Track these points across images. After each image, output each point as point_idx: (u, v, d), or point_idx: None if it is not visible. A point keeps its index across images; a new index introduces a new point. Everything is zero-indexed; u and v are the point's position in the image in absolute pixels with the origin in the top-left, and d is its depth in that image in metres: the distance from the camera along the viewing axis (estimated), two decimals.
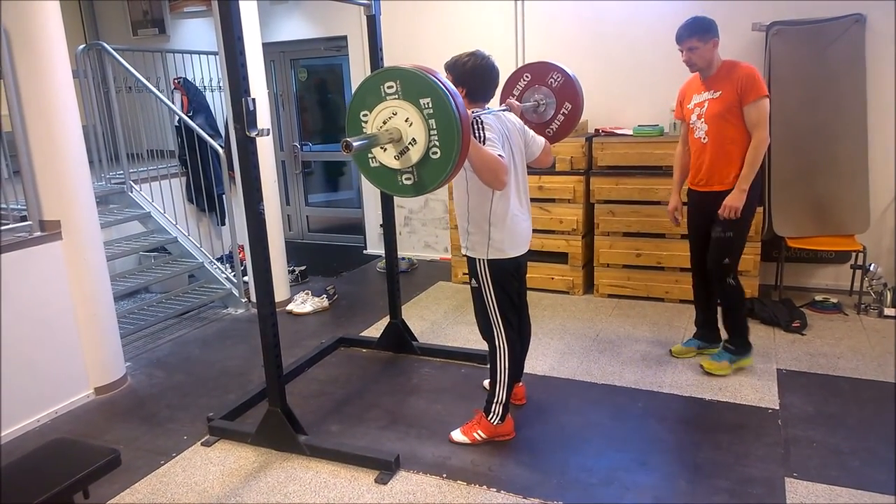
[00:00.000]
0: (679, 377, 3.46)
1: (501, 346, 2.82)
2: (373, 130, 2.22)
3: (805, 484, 2.54)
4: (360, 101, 2.25)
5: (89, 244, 3.47)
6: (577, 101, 3.34)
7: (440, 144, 2.14)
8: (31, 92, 3.21)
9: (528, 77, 3.39)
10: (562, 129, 3.39)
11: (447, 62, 2.72)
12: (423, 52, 5.54)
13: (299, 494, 2.62)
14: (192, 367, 3.94)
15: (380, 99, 2.19)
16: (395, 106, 2.17)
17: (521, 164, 2.82)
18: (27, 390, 3.23)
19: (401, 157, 2.21)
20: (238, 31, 2.52)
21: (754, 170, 3.17)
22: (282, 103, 6.79)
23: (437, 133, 2.13)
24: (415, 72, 2.13)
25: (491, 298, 2.78)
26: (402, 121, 2.17)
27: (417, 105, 2.13)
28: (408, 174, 2.25)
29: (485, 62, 2.66)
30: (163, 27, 6.74)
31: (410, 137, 2.17)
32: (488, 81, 2.70)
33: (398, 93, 2.16)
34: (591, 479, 2.62)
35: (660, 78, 4.81)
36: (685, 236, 4.33)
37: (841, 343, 3.82)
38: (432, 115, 2.12)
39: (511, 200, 2.72)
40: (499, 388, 2.86)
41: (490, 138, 2.50)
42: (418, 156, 2.18)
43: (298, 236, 7.17)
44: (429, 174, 2.21)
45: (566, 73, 3.33)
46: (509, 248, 2.76)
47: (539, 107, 3.36)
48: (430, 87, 2.11)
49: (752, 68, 3.16)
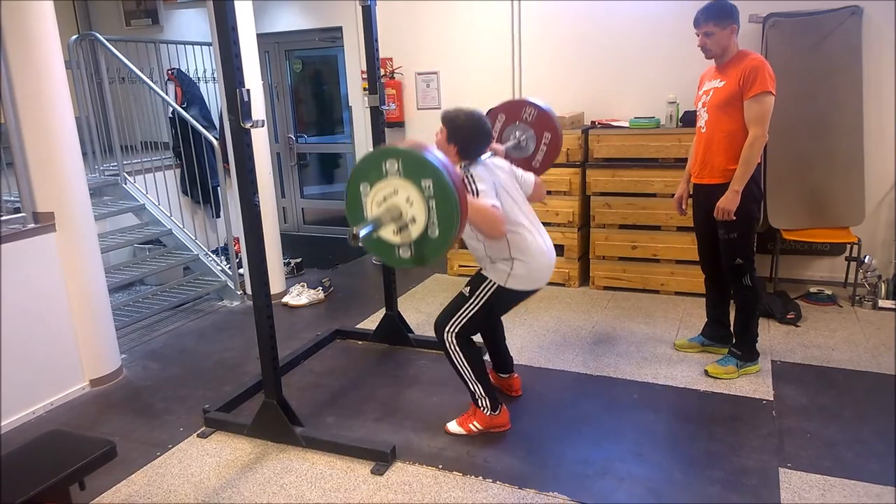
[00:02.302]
0: (674, 369, 3.47)
1: (452, 345, 2.82)
2: (372, 204, 2.25)
3: (799, 474, 2.55)
4: (361, 174, 2.26)
5: (83, 236, 3.46)
6: (554, 129, 3.39)
7: (439, 224, 2.18)
8: (24, 83, 3.18)
9: (502, 118, 3.45)
10: (546, 159, 3.44)
11: (444, 114, 2.76)
12: (419, 45, 5.54)
13: (295, 485, 2.63)
14: (187, 359, 3.93)
15: (381, 176, 2.21)
16: (396, 184, 2.19)
17: (523, 200, 2.86)
18: (22, 382, 3.23)
19: (400, 233, 2.25)
20: (232, 21, 2.50)
21: (748, 169, 3.07)
22: (276, 95, 6.76)
23: (437, 214, 2.17)
24: (417, 154, 2.15)
25: (471, 311, 2.79)
26: (403, 200, 2.20)
27: (419, 186, 2.16)
28: (406, 248, 2.28)
29: (480, 124, 2.72)
30: (156, 17, 6.70)
31: (410, 216, 2.20)
32: (481, 143, 2.75)
33: (399, 171, 2.18)
34: (586, 471, 2.63)
35: (656, 70, 4.81)
36: (681, 228, 4.37)
37: (835, 335, 3.84)
38: (433, 197, 2.15)
39: (527, 235, 2.74)
40: (469, 384, 2.87)
41: (483, 190, 2.57)
42: (417, 233, 2.22)
43: (294, 228, 7.16)
44: (427, 250, 2.25)
45: (537, 105, 3.39)
46: (530, 283, 2.78)
47: (520, 143, 3.43)
48: (431, 169, 2.14)
49: (759, 60, 3.02)
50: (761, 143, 3.05)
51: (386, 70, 5.63)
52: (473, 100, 5.25)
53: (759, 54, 3.16)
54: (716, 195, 3.16)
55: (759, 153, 3.07)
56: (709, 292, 3.61)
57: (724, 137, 3.13)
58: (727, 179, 3.12)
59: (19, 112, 3.20)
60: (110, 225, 4.88)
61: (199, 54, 5.93)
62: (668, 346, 3.75)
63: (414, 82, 5.68)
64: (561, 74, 5.13)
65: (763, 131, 3.03)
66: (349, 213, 2.31)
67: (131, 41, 5.69)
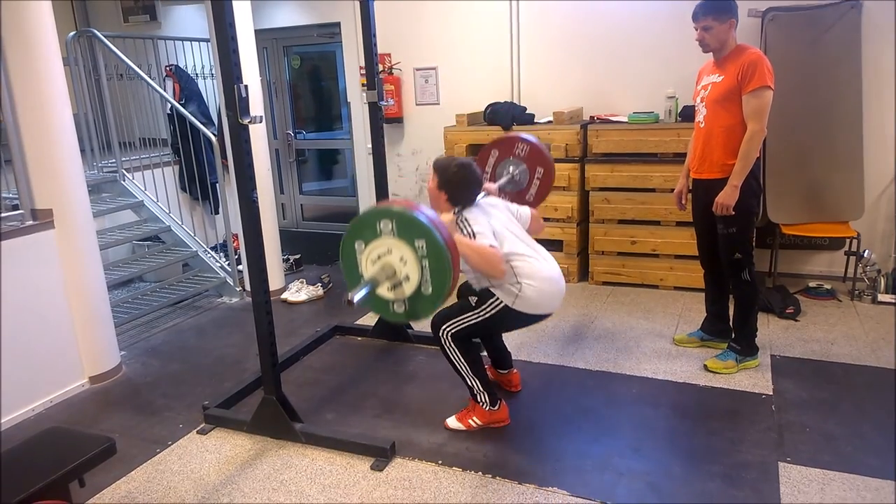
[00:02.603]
0: (673, 364, 3.47)
1: (449, 345, 2.82)
2: (367, 261, 2.32)
3: (798, 468, 2.55)
4: (356, 233, 2.33)
5: (82, 233, 3.45)
6: (546, 163, 3.47)
7: (432, 282, 2.25)
8: (22, 80, 3.17)
9: (496, 153, 3.52)
10: (540, 192, 3.52)
11: (437, 163, 2.85)
12: (418, 41, 5.53)
13: (295, 482, 2.63)
14: (187, 355, 3.93)
15: (375, 235, 2.28)
16: (390, 244, 2.26)
17: (522, 231, 2.89)
18: (21, 380, 3.22)
19: (394, 290, 2.31)
20: (230, 16, 2.50)
21: (747, 164, 3.05)
22: (275, 91, 6.75)
23: (430, 272, 2.24)
24: (410, 214, 2.22)
25: (472, 320, 2.79)
26: (397, 259, 2.27)
27: (412, 245, 2.23)
28: (400, 304, 2.35)
29: (470, 175, 2.80)
30: (154, 14, 6.68)
31: (404, 274, 2.27)
32: (471, 192, 2.82)
33: (393, 231, 2.25)
34: (586, 465, 2.64)
35: (655, 65, 4.80)
36: (680, 223, 4.37)
37: (834, 329, 3.84)
38: (426, 256, 2.22)
39: (533, 262, 2.74)
40: (467, 379, 2.87)
41: (478, 231, 2.62)
42: (411, 290, 2.28)
43: (293, 225, 7.15)
44: (420, 306, 2.32)
45: (530, 140, 3.48)
46: (538, 307, 2.77)
47: (514, 177, 3.49)
48: (424, 230, 2.20)
49: (758, 55, 3.01)
50: (760, 137, 3.04)
51: (384, 66, 5.62)
52: (472, 95, 5.31)
53: (758, 49, 3.15)
54: (715, 190, 3.15)
55: (757, 148, 3.07)
56: (708, 287, 3.61)
57: (723, 132, 3.12)
58: (726, 174, 3.11)
59: (17, 109, 3.19)
60: (109, 222, 4.88)
61: (197, 50, 5.92)
62: (667, 341, 3.75)
63: (412, 78, 5.67)
64: (560, 69, 5.12)
65: (761, 126, 3.02)
66: (345, 268, 2.39)
67: (129, 38, 5.67)
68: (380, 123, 3.74)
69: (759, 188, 3.27)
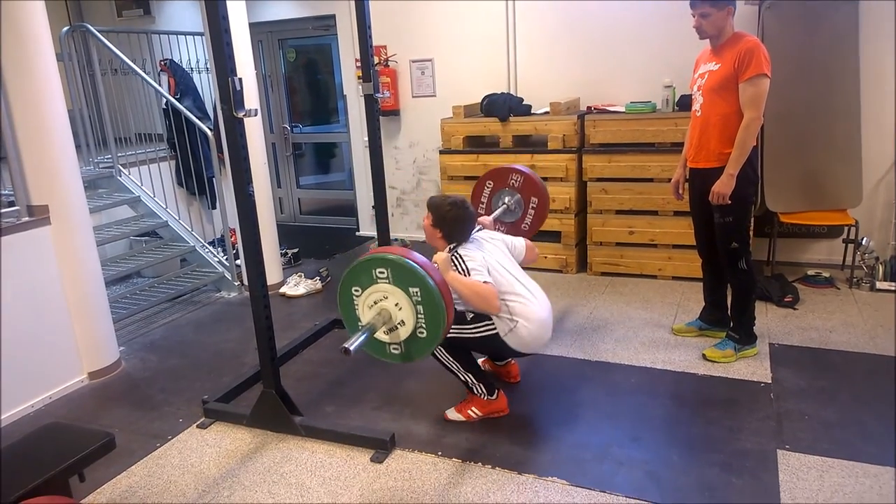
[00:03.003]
0: (672, 353, 3.48)
1: (437, 348, 2.79)
2: (364, 306, 2.39)
3: (797, 456, 2.56)
4: (353, 279, 2.39)
5: (78, 229, 3.44)
6: (540, 193, 3.56)
7: (427, 326, 2.33)
8: (15, 76, 3.16)
9: (490, 184, 3.63)
10: (534, 222, 3.61)
11: (430, 202, 2.93)
12: (413, 33, 5.51)
13: (295, 474, 2.63)
14: (185, 350, 3.93)
15: (371, 281, 2.35)
16: (385, 290, 2.33)
17: (515, 268, 2.93)
18: (20, 376, 3.22)
19: (390, 334, 2.38)
20: (223, 9, 2.48)
21: (744, 152, 3.04)
22: (271, 84, 6.73)
23: (425, 317, 2.31)
24: (405, 263, 2.28)
25: (464, 334, 2.79)
26: (393, 304, 2.33)
27: (407, 293, 2.30)
28: (396, 346, 2.42)
29: (463, 214, 2.85)
30: (148, 8, 6.65)
31: (399, 319, 2.34)
32: (465, 229, 2.88)
33: (389, 279, 2.31)
34: (585, 455, 2.64)
35: (652, 54, 4.78)
36: (678, 213, 4.36)
37: (833, 317, 3.84)
38: (420, 303, 2.30)
39: (527, 304, 2.77)
40: (459, 375, 2.88)
41: (473, 268, 2.67)
42: (406, 334, 2.36)
43: (290, 219, 7.14)
44: (415, 348, 2.39)
45: (524, 171, 3.57)
46: (526, 346, 2.81)
47: (509, 208, 3.58)
48: (418, 278, 2.27)
49: (755, 42, 2.99)
50: (756, 125, 3.03)
51: (380, 58, 5.60)
52: (469, 86, 5.29)
53: (755, 37, 3.14)
54: (711, 179, 3.14)
55: (754, 136, 3.06)
56: (706, 276, 3.61)
57: (719, 121, 3.11)
58: (722, 163, 3.11)
59: (11, 106, 3.18)
60: (106, 217, 4.87)
61: (191, 45, 5.90)
62: (665, 331, 3.75)
63: (409, 70, 5.65)
64: (556, 59, 5.10)
65: (758, 114, 3.01)
66: (343, 313, 2.46)
67: (123, 32, 5.64)
68: (376, 116, 3.73)
69: (756, 177, 3.27)
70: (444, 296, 2.29)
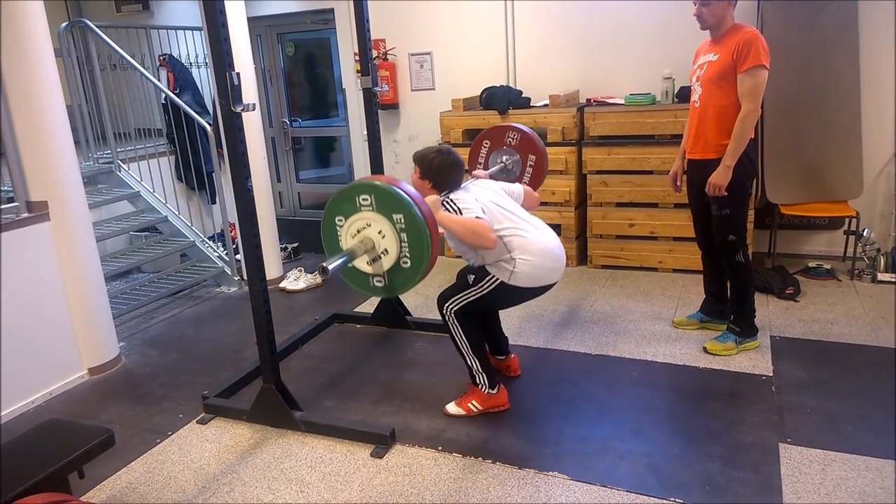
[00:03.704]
0: (673, 346, 3.47)
1: (453, 321, 2.84)
2: (347, 236, 2.36)
3: (799, 449, 2.55)
4: (336, 207, 2.36)
5: (78, 224, 3.44)
6: (538, 150, 3.47)
7: (410, 256, 2.28)
8: (13, 72, 3.14)
9: (487, 144, 3.56)
10: (533, 180, 3.51)
11: (416, 155, 2.91)
12: (412, 26, 5.48)
13: (295, 470, 2.63)
14: (186, 345, 3.93)
15: (355, 209, 2.31)
16: (369, 217, 2.29)
17: (514, 206, 2.88)
18: (20, 372, 3.22)
19: (373, 264, 2.35)
20: (220, 4, 2.46)
21: (741, 144, 3.03)
22: (269, 79, 6.70)
23: (409, 246, 2.27)
24: (388, 188, 2.24)
25: (473, 299, 2.80)
26: (376, 232, 2.30)
27: (390, 219, 2.26)
28: (379, 278, 2.39)
29: (449, 159, 2.84)
30: (146, 3, 6.62)
31: (383, 248, 2.31)
32: (453, 176, 2.85)
33: (372, 205, 2.27)
34: (586, 449, 2.64)
35: (651, 46, 4.75)
36: (678, 205, 4.35)
37: (834, 309, 3.83)
38: (404, 230, 2.25)
39: (527, 235, 2.75)
40: (467, 358, 2.88)
41: (464, 208, 2.63)
42: (389, 264, 2.32)
43: (290, 213, 7.13)
44: (399, 280, 2.36)
45: (521, 129, 3.49)
46: (535, 280, 2.77)
47: (506, 167, 3.51)
48: (402, 204, 2.23)
49: (753, 34, 2.97)
50: (753, 117, 3.02)
51: (379, 51, 5.58)
52: (468, 79, 5.27)
53: (755, 28, 3.12)
54: (708, 170, 3.13)
55: (751, 128, 3.04)
56: (706, 268, 3.60)
57: (717, 112, 3.10)
58: (720, 154, 3.10)
59: (9, 101, 3.17)
60: (106, 213, 4.86)
61: (190, 39, 5.87)
62: (666, 324, 3.74)
63: (407, 63, 5.63)
64: (555, 52, 5.08)
65: (755, 105, 3.00)
66: (325, 244, 2.43)
67: (122, 27, 5.62)
68: (375, 110, 3.72)
69: (754, 169, 3.26)
70: (429, 225, 2.24)
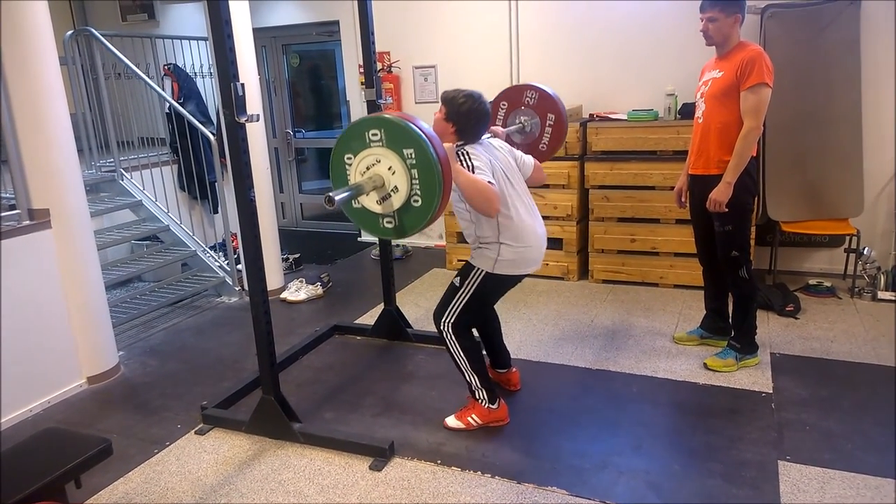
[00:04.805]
0: (673, 362, 3.46)
1: (449, 335, 2.83)
2: (356, 175, 2.25)
3: (798, 467, 2.54)
4: (344, 145, 2.28)
5: (79, 233, 3.44)
6: (558, 110, 3.40)
7: (421, 194, 2.20)
8: (18, 80, 3.16)
9: (504, 105, 3.48)
10: (553, 140, 3.45)
11: (445, 95, 2.76)
12: (417, 39, 5.52)
13: (294, 482, 2.62)
14: (185, 355, 3.92)
15: (364, 145, 2.22)
16: (378, 153, 2.20)
17: (520, 182, 2.85)
18: (19, 380, 3.21)
19: (383, 203, 2.26)
20: (226, 14, 2.48)
21: (742, 161, 3.04)
22: (274, 89, 6.74)
23: (419, 183, 2.18)
24: (399, 122, 2.15)
25: (463, 300, 2.80)
26: (385, 168, 2.20)
27: (401, 155, 2.17)
28: (389, 218, 2.30)
29: (480, 107, 2.71)
30: (152, 12, 6.67)
31: (393, 185, 2.21)
32: (480, 126, 2.75)
33: (382, 141, 2.19)
34: (585, 464, 2.63)
35: (655, 62, 4.78)
36: (680, 221, 4.36)
37: (835, 327, 3.83)
38: (415, 166, 2.16)
39: (522, 217, 2.74)
40: (466, 374, 2.86)
41: (478, 167, 2.56)
42: (400, 203, 2.23)
43: (292, 224, 7.14)
44: (410, 220, 2.27)
45: (539, 87, 3.41)
46: (517, 267, 2.78)
47: (525, 127, 3.44)
48: (413, 138, 2.14)
49: (758, 52, 3.00)
50: (755, 134, 3.03)
51: (383, 64, 5.61)
52: None
53: (759, 46, 3.14)
54: (710, 186, 3.14)
55: (752, 145, 3.06)
56: (707, 284, 3.60)
57: (720, 128, 3.11)
58: (721, 170, 3.11)
59: (13, 109, 3.18)
60: (107, 221, 4.87)
61: (195, 49, 5.91)
62: (667, 340, 3.74)
63: (412, 76, 5.66)
64: (559, 67, 5.11)
65: (758, 123, 3.01)
66: (334, 185, 2.32)
67: (127, 36, 5.66)
68: None
69: (755, 186, 3.26)
70: (443, 163, 2.15)
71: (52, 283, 3.36)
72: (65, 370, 3.45)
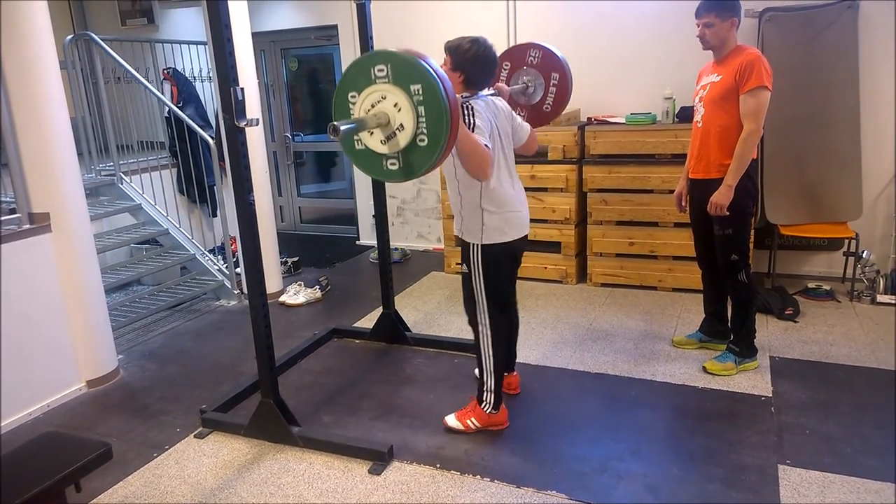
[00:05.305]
0: (672, 366, 3.46)
1: (485, 334, 2.81)
2: (360, 113, 2.16)
3: (798, 471, 2.54)
4: (349, 82, 2.19)
5: (79, 236, 3.44)
6: (561, 68, 3.33)
7: (428, 132, 2.10)
8: (18, 84, 3.16)
9: (507, 65, 3.39)
10: (557, 99, 3.37)
11: (449, 43, 2.67)
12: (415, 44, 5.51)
13: (293, 486, 2.62)
14: (184, 359, 3.92)
15: (369, 81, 2.13)
16: (384, 90, 2.11)
17: (509, 148, 2.81)
18: (18, 384, 3.21)
19: (387, 142, 2.16)
20: (226, 18, 2.49)
21: (742, 164, 3.05)
22: (272, 93, 6.75)
23: (426, 121, 2.08)
24: (406, 57, 2.08)
25: (480, 285, 2.77)
26: (391, 105, 2.11)
27: (407, 91, 2.08)
28: (393, 159, 2.20)
29: (486, 52, 2.62)
30: (151, 17, 6.68)
31: (398, 123, 2.11)
32: (487, 71, 2.67)
33: (388, 77, 2.10)
34: (584, 468, 2.63)
35: (652, 66, 4.79)
36: (678, 224, 4.36)
37: (834, 330, 3.83)
38: (422, 103, 2.07)
39: (503, 184, 2.72)
40: (486, 377, 2.86)
41: (478, 125, 2.49)
42: (405, 141, 2.13)
43: (291, 227, 7.14)
44: (415, 160, 2.16)
45: (541, 46, 3.33)
46: (504, 233, 2.75)
47: (528, 88, 3.36)
48: (421, 73, 2.05)
49: (756, 55, 3.01)
50: (755, 138, 3.04)
51: None
52: None
53: (757, 49, 3.15)
54: (710, 190, 3.15)
55: (752, 148, 3.06)
56: (706, 288, 3.60)
57: (719, 132, 3.12)
58: (721, 174, 3.11)
59: (13, 113, 3.18)
60: (107, 225, 4.87)
61: (194, 53, 5.91)
62: (666, 343, 3.74)
63: None
64: None
65: (757, 126, 3.02)
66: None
67: (127, 41, 5.67)
68: None
69: (755, 189, 3.27)
70: (450, 97, 2.06)
71: (51, 287, 3.36)
72: (64, 374, 3.44)
